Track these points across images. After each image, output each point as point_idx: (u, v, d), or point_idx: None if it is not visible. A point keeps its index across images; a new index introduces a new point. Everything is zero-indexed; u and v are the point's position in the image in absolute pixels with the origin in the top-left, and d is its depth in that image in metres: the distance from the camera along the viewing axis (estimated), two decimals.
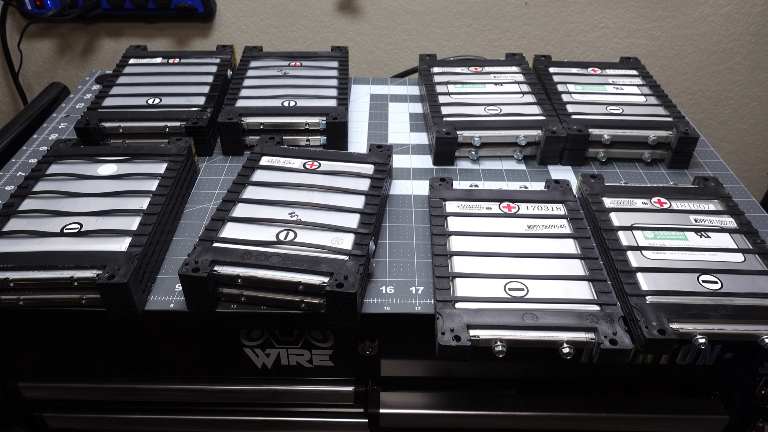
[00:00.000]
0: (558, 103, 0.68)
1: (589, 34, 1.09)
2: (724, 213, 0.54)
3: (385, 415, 0.53)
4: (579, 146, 0.64)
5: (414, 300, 0.48)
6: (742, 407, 0.54)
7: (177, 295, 0.48)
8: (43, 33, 1.09)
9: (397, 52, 1.11)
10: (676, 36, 1.09)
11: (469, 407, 0.53)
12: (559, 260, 0.49)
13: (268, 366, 0.52)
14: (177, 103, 0.67)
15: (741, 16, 1.07)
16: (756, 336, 0.44)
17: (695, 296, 0.45)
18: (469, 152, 0.65)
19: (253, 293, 0.46)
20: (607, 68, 0.77)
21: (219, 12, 1.07)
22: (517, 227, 0.52)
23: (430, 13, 1.07)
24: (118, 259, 0.45)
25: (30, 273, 0.45)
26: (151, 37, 1.10)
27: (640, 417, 0.53)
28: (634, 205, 0.55)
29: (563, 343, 0.43)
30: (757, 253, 0.50)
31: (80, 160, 0.58)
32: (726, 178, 0.64)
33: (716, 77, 1.14)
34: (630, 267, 0.48)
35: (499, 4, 1.06)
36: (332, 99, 0.68)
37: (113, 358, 0.53)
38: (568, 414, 0.53)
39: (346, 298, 0.44)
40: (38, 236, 0.48)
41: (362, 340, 0.50)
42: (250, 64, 0.76)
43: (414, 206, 0.59)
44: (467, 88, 0.72)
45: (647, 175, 0.64)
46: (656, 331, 0.42)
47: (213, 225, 0.50)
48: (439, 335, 0.42)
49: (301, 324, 0.49)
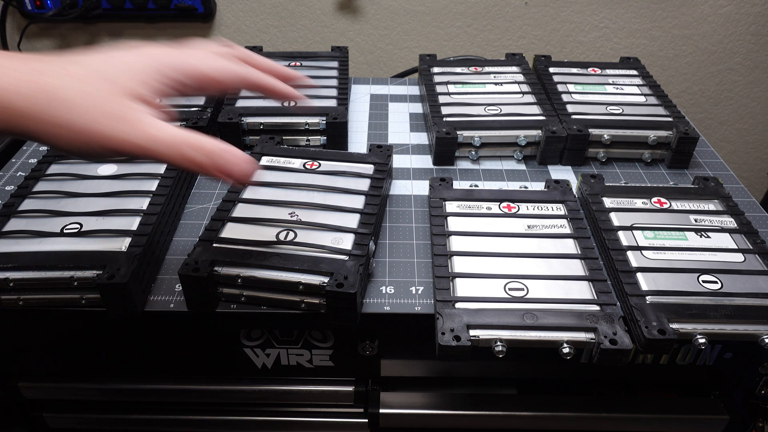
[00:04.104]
0: (558, 103, 0.68)
1: (589, 34, 1.09)
2: (724, 213, 0.54)
3: (385, 415, 0.53)
4: (579, 146, 0.64)
5: (414, 300, 0.48)
6: (742, 407, 0.54)
7: (177, 295, 0.48)
8: (43, 33, 1.09)
9: (397, 52, 1.11)
10: (676, 36, 1.09)
11: (469, 407, 0.53)
12: (559, 260, 0.49)
13: (268, 366, 0.52)
14: (177, 103, 0.67)
15: (741, 16, 1.07)
16: (756, 336, 0.44)
17: (695, 296, 0.45)
18: (469, 152, 0.65)
19: (253, 293, 0.46)
20: (607, 68, 0.77)
21: (219, 12, 1.07)
22: (517, 227, 0.52)
23: (430, 13, 1.07)
24: (118, 259, 0.45)
25: (30, 273, 0.45)
26: (151, 37, 1.10)
27: (640, 417, 0.53)
28: (634, 205, 0.55)
29: (563, 343, 0.43)
30: (757, 253, 0.49)
31: (80, 160, 0.58)
32: (726, 178, 0.64)
33: (716, 77, 1.14)
34: (630, 267, 0.48)
35: (499, 4, 1.06)
36: (332, 99, 0.68)
37: (113, 358, 0.53)
38: (568, 414, 0.53)
39: (346, 298, 0.44)
40: (38, 236, 0.48)
41: (362, 340, 0.50)
42: None
43: (414, 206, 0.59)
44: (467, 88, 0.72)
45: (647, 175, 0.64)
46: (656, 331, 0.42)
47: (213, 225, 0.50)
48: (439, 335, 0.42)
49: (301, 324, 0.49)
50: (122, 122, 0.32)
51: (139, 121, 0.32)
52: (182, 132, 0.33)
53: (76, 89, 0.31)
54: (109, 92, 0.32)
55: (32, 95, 0.31)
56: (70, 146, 0.32)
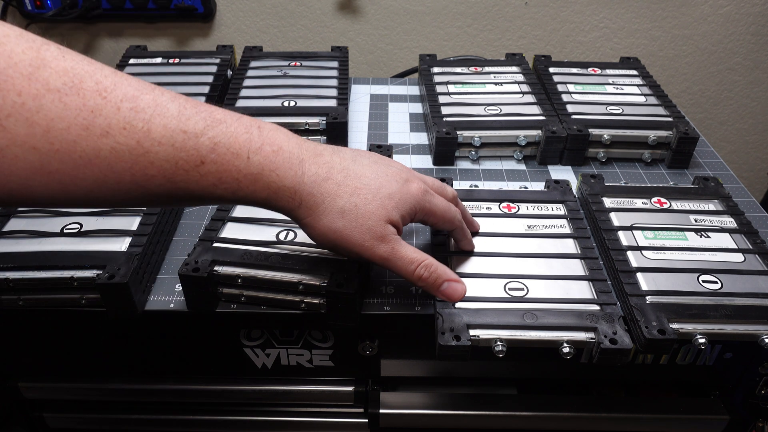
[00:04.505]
0: (558, 103, 0.68)
1: (589, 34, 1.09)
2: (724, 213, 0.54)
3: (385, 415, 0.53)
4: (579, 146, 0.64)
5: (414, 300, 0.48)
6: (742, 407, 0.54)
7: (177, 295, 0.48)
8: (44, 33, 1.09)
9: (397, 52, 1.11)
10: (676, 36, 1.09)
11: (469, 407, 0.53)
12: (559, 260, 0.49)
13: (268, 366, 0.52)
14: None
15: (741, 16, 1.07)
16: (756, 336, 0.44)
17: (695, 296, 0.45)
18: (469, 152, 0.65)
19: (253, 293, 0.46)
20: (607, 68, 0.77)
21: (219, 12, 1.07)
22: (517, 227, 0.52)
23: (430, 13, 1.07)
24: (118, 259, 0.45)
25: (30, 273, 0.45)
26: (151, 37, 1.10)
27: (640, 417, 0.53)
28: (634, 205, 0.55)
29: (563, 343, 0.43)
30: (757, 253, 0.49)
31: None
32: (726, 178, 0.64)
33: (716, 77, 1.14)
34: (630, 267, 0.48)
35: (499, 4, 1.06)
36: (332, 99, 0.68)
37: (113, 358, 0.53)
38: (568, 414, 0.53)
39: (346, 298, 0.44)
40: (38, 236, 0.48)
41: (362, 340, 0.50)
42: (250, 64, 0.76)
43: None
44: (467, 88, 0.72)
45: (647, 175, 0.64)
46: (656, 331, 0.42)
47: (213, 225, 0.50)
48: (439, 335, 0.42)
49: (301, 324, 0.49)
50: (382, 242, 0.40)
51: (392, 243, 0.40)
52: (419, 254, 0.41)
53: (356, 204, 0.39)
54: (379, 216, 0.39)
55: (319, 198, 0.38)
56: (327, 242, 0.39)
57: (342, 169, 0.39)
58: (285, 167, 0.36)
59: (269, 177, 0.36)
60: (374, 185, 0.40)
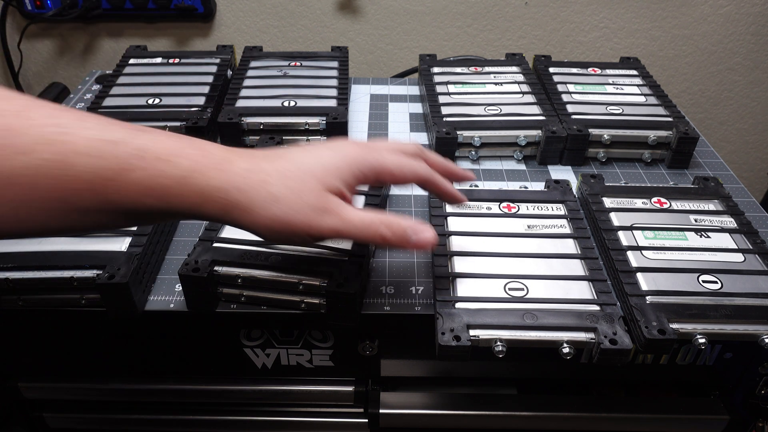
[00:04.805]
0: (558, 103, 0.68)
1: (589, 34, 1.09)
2: (724, 213, 0.54)
3: (385, 415, 0.53)
4: (579, 146, 0.64)
5: (414, 300, 0.48)
6: (742, 407, 0.54)
7: (177, 295, 0.48)
8: (43, 33, 1.09)
9: (397, 52, 1.11)
10: (676, 36, 1.09)
11: (469, 407, 0.53)
12: (559, 260, 0.49)
13: (268, 366, 0.52)
14: (177, 103, 0.67)
15: (741, 16, 1.07)
16: (756, 336, 0.44)
17: (695, 296, 0.45)
18: (469, 152, 0.65)
19: (253, 293, 0.46)
20: (607, 68, 0.77)
21: (219, 12, 1.07)
22: (517, 227, 0.52)
23: (430, 13, 1.07)
24: (118, 259, 0.45)
25: (30, 273, 0.45)
26: (151, 37, 1.10)
27: (640, 417, 0.53)
28: (634, 205, 0.55)
29: (563, 343, 0.43)
30: (757, 253, 0.49)
31: None
32: (726, 178, 0.64)
33: (716, 77, 1.14)
34: (630, 267, 0.48)
35: (499, 4, 1.06)
36: (332, 99, 0.68)
37: (113, 358, 0.53)
38: (568, 414, 0.53)
39: (346, 299, 0.44)
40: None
41: (362, 340, 0.50)
42: (250, 64, 0.76)
43: (414, 206, 0.59)
44: (467, 88, 0.72)
45: (647, 175, 0.64)
46: (656, 331, 0.42)
47: (213, 225, 0.50)
48: (439, 335, 0.42)
49: (301, 324, 0.49)
50: (325, 214, 0.37)
51: (338, 212, 0.37)
52: (372, 215, 0.38)
53: (289, 186, 0.36)
54: (316, 189, 0.37)
55: (251, 192, 0.36)
56: (274, 234, 0.37)
57: (271, 158, 0.38)
58: (212, 167, 0.35)
59: (197, 179, 0.35)
60: (306, 162, 0.38)
